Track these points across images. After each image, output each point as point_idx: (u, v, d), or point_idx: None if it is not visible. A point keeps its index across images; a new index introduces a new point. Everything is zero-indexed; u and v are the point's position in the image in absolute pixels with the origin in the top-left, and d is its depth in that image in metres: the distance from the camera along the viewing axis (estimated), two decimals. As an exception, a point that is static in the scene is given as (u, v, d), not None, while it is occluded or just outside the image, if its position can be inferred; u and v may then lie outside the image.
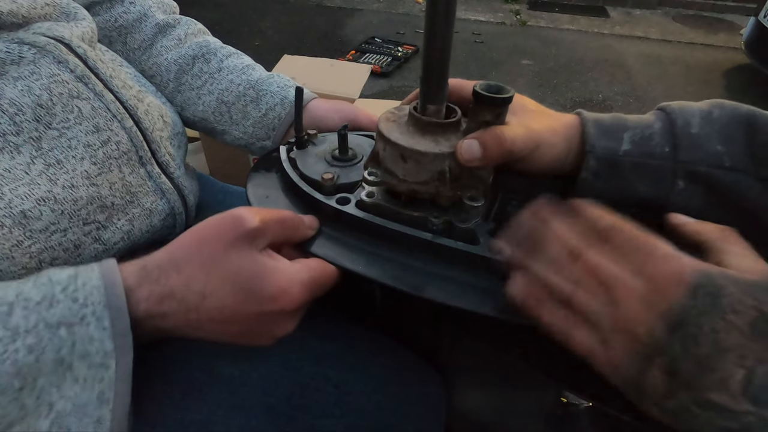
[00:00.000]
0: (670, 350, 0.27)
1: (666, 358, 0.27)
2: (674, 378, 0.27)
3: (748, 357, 0.25)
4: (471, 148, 0.36)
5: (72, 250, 0.41)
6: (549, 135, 0.39)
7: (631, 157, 0.38)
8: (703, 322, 0.26)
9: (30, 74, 0.40)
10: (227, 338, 0.36)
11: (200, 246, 0.35)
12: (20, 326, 0.29)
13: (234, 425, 0.41)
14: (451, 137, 0.38)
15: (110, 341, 0.31)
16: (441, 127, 0.38)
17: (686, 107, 0.40)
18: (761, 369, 0.25)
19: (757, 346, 0.25)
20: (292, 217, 0.39)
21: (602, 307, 0.29)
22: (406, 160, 0.38)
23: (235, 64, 0.61)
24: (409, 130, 0.39)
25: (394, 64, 2.92)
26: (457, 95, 0.41)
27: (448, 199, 0.39)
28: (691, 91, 2.91)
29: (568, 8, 4.11)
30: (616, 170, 0.39)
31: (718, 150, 0.37)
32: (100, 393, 0.31)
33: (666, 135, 0.38)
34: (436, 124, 0.38)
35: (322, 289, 0.37)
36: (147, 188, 0.47)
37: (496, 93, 0.36)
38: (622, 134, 0.39)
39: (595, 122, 0.40)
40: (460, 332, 0.50)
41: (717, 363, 0.26)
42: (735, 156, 0.37)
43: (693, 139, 0.37)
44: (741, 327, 0.26)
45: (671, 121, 0.39)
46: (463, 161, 0.37)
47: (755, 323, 0.26)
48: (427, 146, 0.37)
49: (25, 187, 0.37)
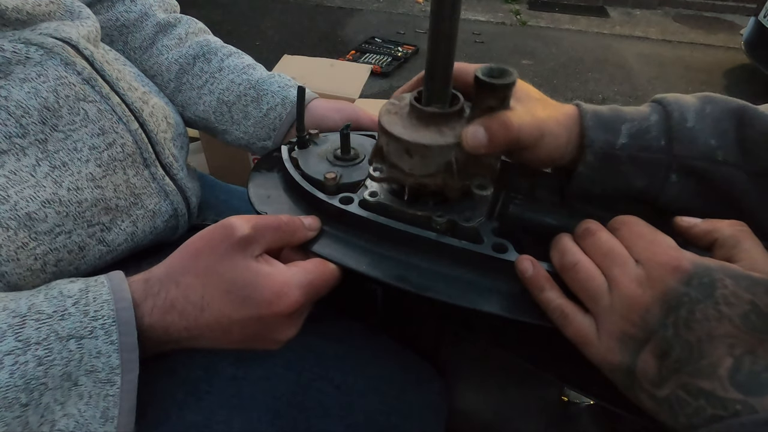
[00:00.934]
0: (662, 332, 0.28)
1: (658, 340, 0.28)
2: (664, 362, 0.28)
3: (737, 346, 0.26)
4: (476, 134, 0.35)
5: (76, 251, 0.41)
6: (553, 124, 0.38)
7: (628, 151, 0.38)
8: (696, 309, 0.27)
9: (37, 76, 0.40)
10: (230, 345, 0.37)
11: (195, 258, 0.35)
12: (32, 338, 0.30)
13: (236, 425, 0.41)
14: (455, 126, 0.37)
15: (117, 356, 0.32)
16: (444, 117, 0.37)
17: (681, 100, 0.40)
18: (749, 358, 0.26)
19: (748, 337, 0.26)
20: (288, 222, 0.38)
21: (602, 285, 0.31)
22: (412, 154, 0.36)
23: (236, 63, 0.61)
24: (412, 123, 0.37)
25: (394, 64, 2.92)
26: (461, 81, 0.40)
27: (457, 190, 0.38)
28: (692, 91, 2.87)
29: (568, 8, 4.11)
30: (613, 163, 0.39)
31: (711, 144, 0.37)
32: (104, 410, 0.32)
33: (662, 128, 0.38)
34: (439, 115, 0.37)
35: (321, 291, 0.38)
36: (151, 190, 0.47)
37: (498, 77, 0.35)
38: (620, 126, 0.39)
39: (594, 114, 0.39)
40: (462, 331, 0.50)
41: (707, 349, 0.27)
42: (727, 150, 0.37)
43: (688, 132, 0.37)
44: (733, 318, 0.27)
45: (667, 114, 0.39)
46: (468, 148, 0.35)
47: (747, 315, 0.27)
48: (431, 138, 0.36)
49: (31, 189, 0.38)
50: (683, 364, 0.27)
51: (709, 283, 0.28)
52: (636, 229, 0.32)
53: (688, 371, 0.27)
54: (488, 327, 0.45)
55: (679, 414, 0.28)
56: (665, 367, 0.28)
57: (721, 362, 0.26)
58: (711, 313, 0.27)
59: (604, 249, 0.32)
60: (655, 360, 0.28)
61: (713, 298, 0.27)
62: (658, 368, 0.28)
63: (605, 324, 0.31)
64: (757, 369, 0.26)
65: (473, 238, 0.38)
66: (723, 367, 0.26)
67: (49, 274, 0.39)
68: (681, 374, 0.27)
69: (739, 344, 0.26)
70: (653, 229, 0.32)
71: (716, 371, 0.26)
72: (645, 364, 0.29)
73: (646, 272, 0.30)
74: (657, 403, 0.29)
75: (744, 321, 0.26)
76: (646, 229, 0.32)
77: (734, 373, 0.26)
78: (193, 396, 0.42)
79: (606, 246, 0.32)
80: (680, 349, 0.27)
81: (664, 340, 0.28)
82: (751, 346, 0.26)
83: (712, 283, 0.28)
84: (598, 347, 0.31)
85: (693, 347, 0.27)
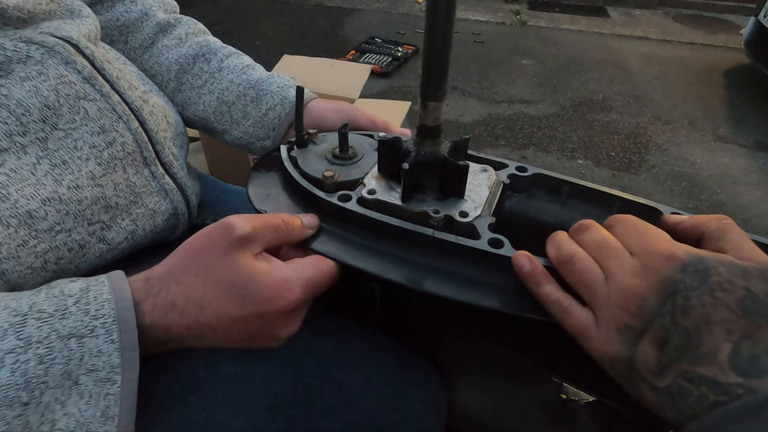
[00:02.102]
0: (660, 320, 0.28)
1: (656, 329, 0.28)
2: (664, 351, 0.28)
3: (734, 332, 0.27)
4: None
5: (77, 249, 0.41)
6: None
7: None
8: (692, 296, 0.28)
9: (37, 75, 0.40)
10: (231, 344, 0.37)
11: (195, 257, 0.36)
12: (33, 336, 0.30)
13: (236, 424, 0.41)
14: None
15: (117, 355, 0.32)
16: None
17: None
18: (747, 342, 0.26)
19: (744, 322, 0.27)
20: (287, 220, 0.39)
21: (598, 277, 0.32)
22: None
23: (236, 63, 0.61)
24: None
25: (394, 64, 2.93)
26: None
27: None
28: (692, 91, 2.91)
29: (568, 8, 4.11)
30: None
31: None
32: (105, 409, 0.32)
33: None
34: None
35: (320, 288, 0.38)
36: (151, 188, 0.48)
37: None
38: None
39: None
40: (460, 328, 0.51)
41: (705, 336, 0.27)
42: None
43: None
44: (729, 304, 0.27)
45: None
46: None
47: (743, 301, 0.27)
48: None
49: (31, 187, 0.38)
50: (682, 351, 0.27)
51: (704, 271, 0.28)
52: (630, 224, 0.33)
53: (688, 359, 0.27)
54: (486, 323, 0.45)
55: (681, 404, 0.28)
56: (665, 356, 0.28)
57: (720, 348, 0.27)
58: (707, 300, 0.27)
59: (598, 241, 0.33)
60: (654, 349, 0.28)
61: (708, 285, 0.28)
62: (657, 357, 0.28)
63: (603, 315, 0.31)
64: (756, 353, 0.26)
65: (470, 234, 0.38)
66: (722, 352, 0.26)
67: (49, 272, 0.39)
68: (681, 362, 0.28)
69: (736, 329, 0.27)
70: (647, 223, 0.33)
71: (716, 357, 0.27)
72: (644, 354, 0.29)
73: (641, 262, 0.30)
74: (658, 394, 0.29)
75: (740, 306, 0.27)
76: (639, 224, 0.33)
77: (734, 357, 0.26)
78: (193, 394, 0.42)
79: (600, 239, 0.33)
80: (678, 336, 0.28)
81: (662, 328, 0.28)
82: (748, 330, 0.27)
83: (706, 270, 0.28)
84: (597, 339, 0.31)
85: (691, 334, 0.27)
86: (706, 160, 2.39)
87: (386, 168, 0.43)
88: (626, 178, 2.25)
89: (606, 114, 2.71)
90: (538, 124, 2.59)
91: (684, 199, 2.14)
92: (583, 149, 2.43)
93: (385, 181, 0.43)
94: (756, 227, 1.98)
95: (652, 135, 2.55)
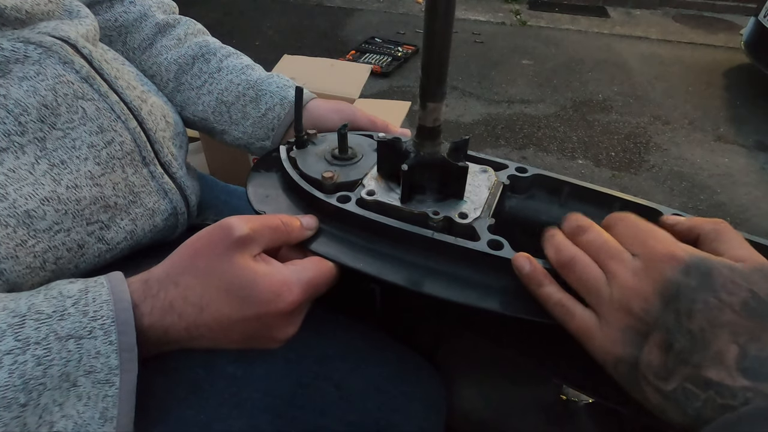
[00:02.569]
0: (664, 323, 0.28)
1: (661, 331, 0.28)
2: (670, 353, 0.28)
3: (740, 334, 0.26)
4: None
5: (76, 249, 0.41)
6: None
7: None
8: (697, 298, 0.27)
9: (35, 74, 0.40)
10: (230, 345, 0.37)
11: (194, 258, 0.36)
12: (31, 338, 0.30)
13: (235, 424, 0.41)
14: None
15: (116, 356, 0.32)
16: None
17: None
18: (754, 345, 0.26)
19: (750, 324, 0.26)
20: (286, 221, 0.39)
21: (600, 278, 0.31)
22: None
23: (235, 64, 0.61)
24: None
25: (394, 64, 2.93)
26: None
27: None
28: (692, 91, 2.91)
29: (568, 8, 4.11)
30: None
31: None
32: (103, 410, 0.32)
33: None
34: None
35: (319, 289, 0.38)
36: (150, 188, 0.47)
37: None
38: None
39: None
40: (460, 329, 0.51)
41: (710, 338, 0.27)
42: None
43: None
44: (733, 305, 0.27)
45: None
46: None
47: (747, 303, 0.26)
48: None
49: (30, 187, 0.38)
50: (688, 354, 0.27)
51: (707, 272, 0.28)
52: (632, 223, 0.33)
53: (694, 362, 0.27)
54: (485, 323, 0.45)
55: (687, 407, 0.27)
56: (671, 359, 0.28)
57: (726, 351, 0.26)
58: (712, 302, 0.27)
59: (598, 243, 0.33)
60: (660, 352, 0.28)
61: (712, 287, 0.27)
62: (663, 361, 0.28)
63: (606, 316, 0.31)
64: (763, 355, 0.26)
65: (469, 235, 0.38)
66: (729, 355, 0.26)
67: (48, 272, 0.39)
68: (687, 366, 0.27)
69: (742, 332, 0.26)
70: (647, 222, 0.32)
71: (723, 360, 0.26)
72: (650, 357, 0.28)
73: (643, 263, 0.30)
74: (663, 397, 0.28)
75: (744, 308, 0.26)
76: (641, 223, 0.32)
77: (741, 360, 0.26)
78: (193, 395, 0.42)
79: (599, 240, 0.33)
80: (684, 339, 0.27)
81: (667, 330, 0.28)
82: (754, 333, 0.26)
83: (709, 272, 0.28)
84: (601, 339, 0.31)
85: (696, 336, 0.27)
86: (706, 160, 2.39)
87: (386, 169, 0.43)
88: (626, 178, 2.25)
89: (606, 114, 2.71)
90: (538, 124, 2.59)
91: (684, 199, 2.14)
92: (583, 149, 2.42)
93: (385, 182, 0.43)
94: (756, 227, 1.98)
95: (652, 135, 2.55)
